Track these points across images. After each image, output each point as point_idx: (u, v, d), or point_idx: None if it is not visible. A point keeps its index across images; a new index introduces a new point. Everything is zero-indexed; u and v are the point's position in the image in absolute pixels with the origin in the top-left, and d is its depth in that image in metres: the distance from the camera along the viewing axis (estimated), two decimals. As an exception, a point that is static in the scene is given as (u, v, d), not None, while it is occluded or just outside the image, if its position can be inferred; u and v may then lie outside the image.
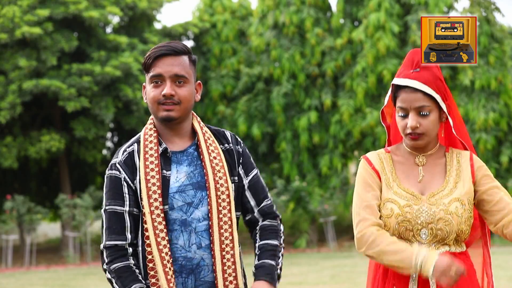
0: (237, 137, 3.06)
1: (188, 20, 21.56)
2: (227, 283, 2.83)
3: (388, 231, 2.82)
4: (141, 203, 2.82)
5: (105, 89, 19.11)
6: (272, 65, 20.62)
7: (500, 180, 18.84)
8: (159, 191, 2.81)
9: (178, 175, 2.87)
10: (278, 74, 20.40)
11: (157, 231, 2.79)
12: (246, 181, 2.97)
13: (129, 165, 2.87)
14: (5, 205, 18.83)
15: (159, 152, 2.88)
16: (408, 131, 2.83)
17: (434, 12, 18.89)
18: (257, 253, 2.91)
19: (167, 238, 2.80)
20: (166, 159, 2.88)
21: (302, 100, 20.36)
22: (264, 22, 21.02)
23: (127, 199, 2.85)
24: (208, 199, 2.84)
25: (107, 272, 2.82)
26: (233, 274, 2.84)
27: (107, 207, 2.86)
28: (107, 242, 2.82)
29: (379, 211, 2.85)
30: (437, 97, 2.81)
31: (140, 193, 2.83)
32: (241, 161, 2.99)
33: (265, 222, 2.96)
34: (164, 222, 2.80)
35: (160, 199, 2.81)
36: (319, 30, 20.18)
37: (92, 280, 14.20)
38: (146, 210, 2.80)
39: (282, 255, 2.93)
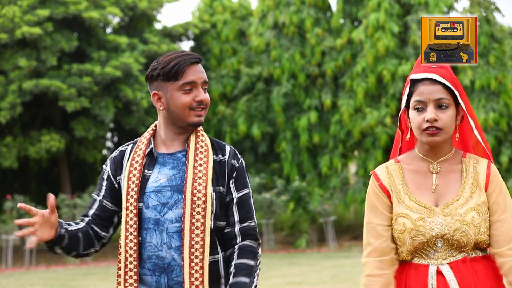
0: (237, 153, 3.07)
1: (188, 20, 21.57)
2: (193, 286, 2.85)
3: (402, 246, 2.76)
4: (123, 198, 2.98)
5: (105, 89, 19.11)
6: (272, 65, 20.62)
7: (500, 180, 18.84)
8: (136, 189, 2.94)
9: (159, 176, 2.97)
10: (278, 74, 20.40)
11: (127, 226, 2.93)
12: (235, 195, 2.98)
13: (117, 162, 3.05)
14: (5, 205, 18.83)
15: (146, 153, 3.00)
16: (426, 125, 2.73)
17: (434, 12, 18.89)
18: (232, 271, 2.92)
19: (135, 234, 2.92)
20: (151, 160, 3.00)
21: (302, 100, 20.36)
22: (264, 22, 21.02)
23: (103, 190, 3.04)
24: (183, 202, 2.91)
25: None
26: (200, 279, 2.87)
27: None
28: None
29: (390, 231, 2.80)
30: (456, 93, 2.76)
31: (122, 190, 2.98)
32: (234, 175, 3.00)
33: (245, 242, 2.97)
34: (135, 219, 2.92)
35: (136, 196, 2.93)
36: (319, 30, 20.18)
37: (92, 280, 14.20)
38: (123, 205, 2.94)
39: (257, 275, 2.94)
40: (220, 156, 3.01)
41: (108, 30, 20.84)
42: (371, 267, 2.81)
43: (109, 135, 23.14)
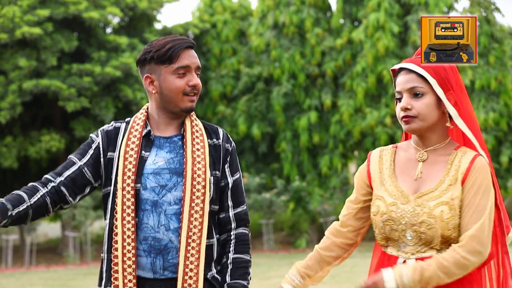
0: (229, 136, 3.10)
1: (188, 20, 21.59)
2: (187, 269, 2.87)
3: (376, 229, 2.79)
4: (116, 179, 2.92)
5: (105, 89, 19.12)
6: (272, 65, 20.63)
7: (500, 180, 18.87)
8: (133, 169, 2.91)
9: (156, 158, 2.96)
10: (278, 74, 20.41)
11: (124, 207, 2.89)
12: (230, 180, 3.02)
13: (110, 137, 3.00)
14: (5, 205, 18.82)
15: (142, 134, 2.98)
16: (402, 114, 2.75)
17: (434, 12, 18.90)
18: (230, 267, 2.98)
19: (132, 215, 2.88)
20: (148, 142, 2.98)
21: (302, 100, 20.37)
22: (264, 22, 21.03)
23: (86, 157, 2.98)
24: (183, 185, 2.91)
25: None
26: (195, 262, 2.89)
27: (68, 156, 3.04)
28: (44, 176, 3.04)
29: (356, 211, 2.91)
30: (432, 81, 2.73)
31: (117, 169, 2.93)
32: (228, 159, 3.04)
33: (240, 231, 3.02)
34: (133, 199, 2.89)
35: (133, 177, 2.90)
36: (319, 30, 20.19)
37: (92, 280, 14.21)
38: (119, 185, 2.90)
39: (250, 268, 3.05)
40: (214, 140, 3.04)
41: (108, 30, 20.85)
42: (327, 230, 2.99)
43: (109, 135, 23.14)
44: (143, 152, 2.95)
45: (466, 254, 2.63)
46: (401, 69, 2.82)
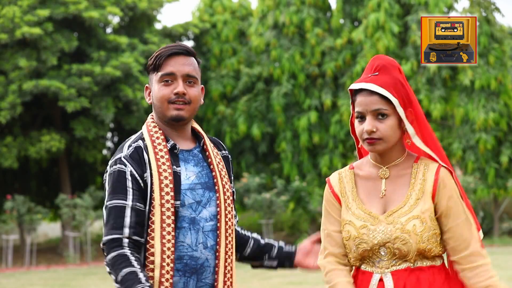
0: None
1: (188, 20, 21.58)
2: (225, 286, 2.83)
3: (349, 253, 2.76)
4: (152, 196, 2.76)
5: (105, 89, 19.11)
6: (272, 65, 20.62)
7: (500, 180, 18.86)
8: (171, 185, 2.77)
9: (188, 173, 2.84)
10: (278, 74, 20.41)
11: (164, 225, 2.74)
12: (233, 190, 3.01)
13: (136, 159, 2.79)
14: (5, 205, 18.83)
15: (168, 148, 2.83)
16: (365, 136, 2.71)
17: (434, 12, 18.89)
18: (257, 236, 3.12)
19: (173, 233, 2.75)
20: (174, 156, 2.84)
21: (302, 100, 20.37)
22: (264, 22, 21.03)
23: (130, 193, 2.75)
24: (217, 200, 2.84)
25: (106, 267, 2.78)
26: (231, 279, 2.86)
27: (108, 203, 2.77)
28: (106, 237, 2.74)
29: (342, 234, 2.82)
30: (395, 101, 2.69)
31: (152, 186, 2.76)
32: (231, 169, 3.03)
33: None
34: (173, 217, 2.75)
35: (172, 194, 2.76)
36: (319, 30, 20.19)
37: (92, 280, 14.20)
38: (156, 202, 2.74)
39: None
40: (223, 151, 3.01)
41: (108, 30, 20.84)
42: (330, 265, 2.84)
43: (109, 135, 23.14)
44: (174, 167, 2.81)
45: (485, 261, 2.76)
46: (361, 89, 2.74)
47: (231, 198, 2.89)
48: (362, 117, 2.73)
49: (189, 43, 22.34)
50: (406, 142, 2.79)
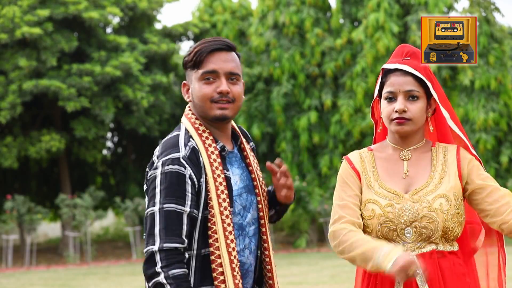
0: None
1: (188, 20, 21.58)
2: None
3: (371, 233, 2.74)
4: (209, 204, 2.60)
5: (105, 89, 19.11)
6: (272, 65, 20.62)
7: (500, 180, 18.85)
8: (226, 191, 2.63)
9: (235, 177, 2.71)
10: (278, 74, 20.41)
11: (226, 233, 2.60)
12: None
13: (194, 161, 2.61)
14: (5, 205, 18.83)
15: (218, 150, 2.68)
16: (395, 115, 2.74)
17: (434, 12, 18.90)
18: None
19: (235, 241, 2.63)
20: (222, 159, 2.69)
21: (302, 100, 20.38)
22: (264, 22, 21.03)
23: (189, 198, 2.56)
24: (259, 204, 2.76)
25: (161, 276, 2.50)
26: (270, 281, 2.80)
27: (165, 205, 2.54)
28: (166, 244, 2.50)
29: (360, 212, 2.76)
30: (429, 84, 2.76)
31: (208, 193, 2.60)
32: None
33: None
34: (232, 225, 2.62)
35: (228, 200, 2.62)
36: (319, 30, 20.19)
37: (92, 280, 14.20)
38: (216, 211, 2.59)
39: None
40: (251, 144, 2.92)
41: (108, 30, 20.84)
42: (349, 227, 2.73)
43: (109, 135, 23.15)
44: (225, 171, 2.66)
45: None
46: (395, 69, 2.79)
47: (267, 198, 2.80)
48: (392, 98, 2.77)
49: (189, 43, 22.35)
50: (429, 128, 2.85)
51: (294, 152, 20.44)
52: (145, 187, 2.69)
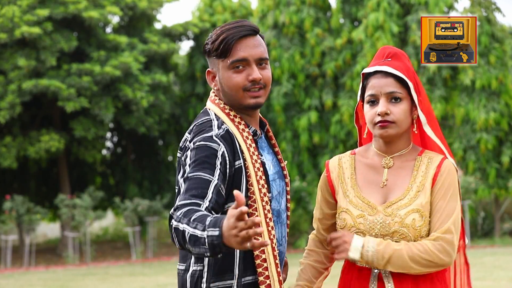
0: None
1: (188, 20, 21.56)
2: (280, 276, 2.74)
3: None
4: (250, 189, 2.51)
5: (104, 89, 19.09)
6: (272, 65, 20.60)
7: (501, 180, 18.83)
8: (264, 177, 2.55)
9: (268, 162, 2.64)
10: (278, 74, 20.39)
11: (267, 220, 2.52)
12: None
13: (229, 142, 2.52)
14: (4, 205, 18.81)
15: (251, 135, 2.60)
16: (378, 118, 2.64)
17: (434, 12, 18.87)
18: None
19: (275, 229, 2.58)
20: (255, 143, 2.62)
21: (302, 100, 20.36)
22: (264, 22, 21.01)
23: (217, 173, 2.42)
24: (286, 190, 2.70)
25: (173, 220, 2.32)
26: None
27: (191, 174, 2.41)
28: (181, 202, 2.34)
29: (333, 221, 2.79)
30: (410, 84, 2.64)
31: (248, 178, 2.51)
32: None
33: None
34: (271, 211, 2.55)
35: (266, 186, 2.55)
36: (319, 30, 20.17)
37: (92, 281, 14.18)
38: (257, 197, 2.50)
39: None
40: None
41: (108, 29, 20.83)
42: (310, 244, 2.87)
43: (108, 135, 23.12)
44: (260, 156, 2.59)
45: (435, 250, 2.57)
46: (376, 71, 2.69)
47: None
48: (374, 101, 2.67)
49: (189, 43, 22.32)
50: (413, 130, 2.72)
51: (294, 152, 20.42)
52: (177, 174, 2.55)
